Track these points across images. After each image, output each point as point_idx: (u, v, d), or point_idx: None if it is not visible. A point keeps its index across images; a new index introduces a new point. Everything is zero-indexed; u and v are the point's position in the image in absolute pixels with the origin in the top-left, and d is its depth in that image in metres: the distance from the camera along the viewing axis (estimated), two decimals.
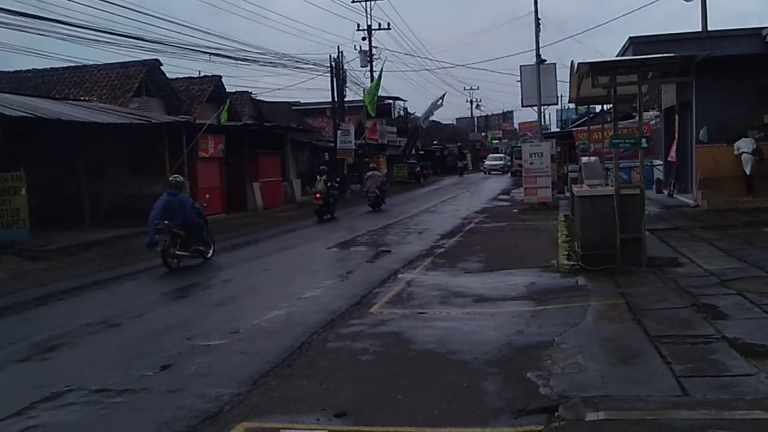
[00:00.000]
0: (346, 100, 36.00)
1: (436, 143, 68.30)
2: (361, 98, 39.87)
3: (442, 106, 43.88)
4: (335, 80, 34.20)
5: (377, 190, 25.31)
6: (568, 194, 20.74)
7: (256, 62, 32.81)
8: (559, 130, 53.34)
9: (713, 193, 16.32)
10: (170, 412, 5.38)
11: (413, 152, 53.13)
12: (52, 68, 27.77)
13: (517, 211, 22.21)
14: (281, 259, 14.47)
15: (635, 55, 13.83)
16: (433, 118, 50.87)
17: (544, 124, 32.64)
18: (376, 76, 36.42)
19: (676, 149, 19.20)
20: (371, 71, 40.29)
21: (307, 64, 43.71)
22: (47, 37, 24.39)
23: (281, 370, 6.36)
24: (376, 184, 25.62)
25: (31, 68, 28.25)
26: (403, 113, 60.92)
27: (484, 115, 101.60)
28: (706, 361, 5.71)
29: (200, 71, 34.63)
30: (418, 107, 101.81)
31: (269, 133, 27.87)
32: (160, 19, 41.08)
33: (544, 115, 33.23)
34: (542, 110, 27.89)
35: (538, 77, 24.63)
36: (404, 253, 13.85)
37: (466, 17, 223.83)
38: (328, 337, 7.49)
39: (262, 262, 13.90)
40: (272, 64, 38.93)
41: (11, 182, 14.52)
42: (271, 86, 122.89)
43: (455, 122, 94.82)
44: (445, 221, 20.27)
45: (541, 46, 26.45)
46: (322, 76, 34.38)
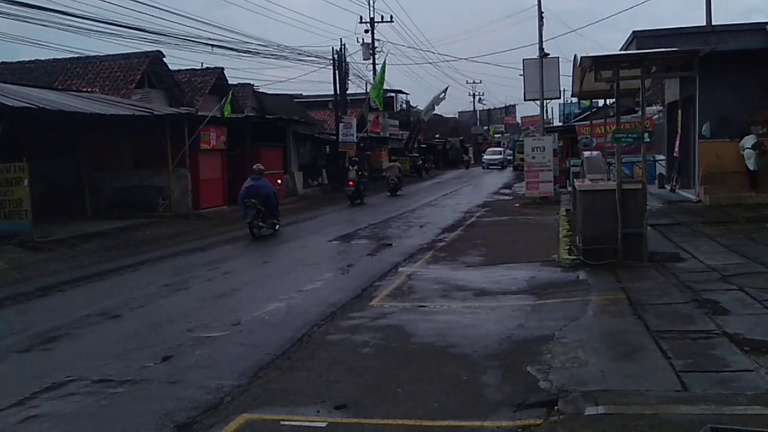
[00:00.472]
0: (348, 92, 35.91)
1: (438, 137, 68.15)
2: (363, 91, 39.84)
3: (444, 99, 43.87)
4: (338, 73, 34.13)
5: (395, 178, 30.02)
6: (569, 189, 20.71)
7: (258, 54, 32.44)
8: (561, 124, 53.15)
9: (716, 188, 16.29)
10: (171, 403, 5.40)
11: (415, 146, 53.06)
12: (54, 59, 27.79)
13: (518, 205, 22.18)
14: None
15: (639, 49, 13.77)
16: (435, 111, 50.81)
17: (546, 118, 32.50)
18: (378, 69, 36.37)
19: (679, 144, 19.17)
20: (374, 64, 40.24)
21: (309, 56, 43.49)
22: (50, 28, 24.40)
23: (282, 362, 6.38)
24: (395, 173, 30.40)
25: (33, 59, 28.28)
26: (405, 106, 60.92)
27: (486, 108, 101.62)
28: (706, 356, 5.72)
29: (202, 63, 34.69)
30: (420, 101, 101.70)
31: (271, 125, 27.83)
32: (162, 10, 41.14)
33: (546, 109, 33.10)
34: (545, 104, 27.80)
35: (541, 71, 24.53)
36: (405, 246, 13.85)
37: (469, 11, 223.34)
38: (328, 329, 7.51)
39: (266, 253, 13.90)
40: (274, 56, 38.79)
41: (14, 173, 14.53)
42: (273, 78, 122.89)
43: (457, 116, 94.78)
44: (446, 215, 20.26)
45: (544, 39, 26.27)
46: (324, 68, 34.31)
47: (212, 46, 25.90)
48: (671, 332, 6.41)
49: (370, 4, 44.11)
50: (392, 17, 52.00)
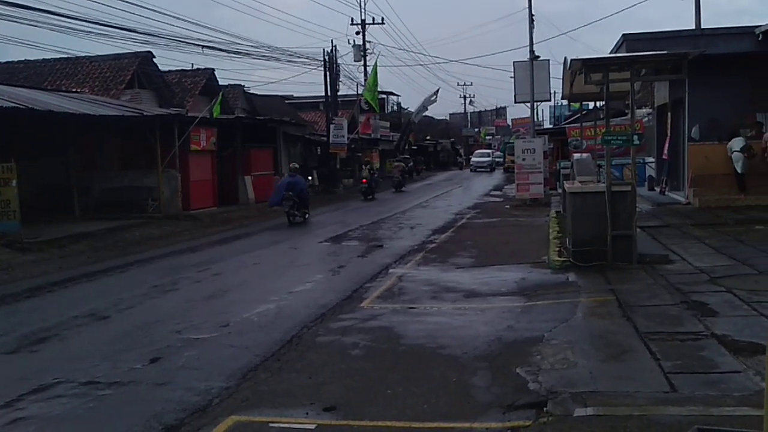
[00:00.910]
0: (339, 94, 35.89)
1: (429, 138, 68.06)
2: (354, 93, 39.81)
3: (435, 101, 43.87)
4: (328, 74, 34.09)
5: (400, 176, 33.71)
6: (560, 191, 20.77)
7: (249, 55, 32.40)
8: (552, 126, 53.25)
9: (705, 190, 16.36)
10: (159, 405, 5.36)
11: (406, 147, 53.05)
12: (44, 59, 27.62)
13: (509, 207, 22.24)
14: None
15: (628, 52, 13.83)
16: (426, 113, 50.79)
17: (537, 120, 32.65)
18: (369, 70, 36.37)
19: (668, 146, 19.25)
20: (365, 66, 40.21)
21: (300, 57, 43.34)
22: (39, 28, 24.19)
23: (271, 363, 6.35)
24: (399, 171, 34.13)
25: (22, 59, 28.09)
26: (396, 108, 60.88)
27: (477, 110, 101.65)
28: (694, 357, 5.74)
29: (193, 64, 34.51)
30: (411, 102, 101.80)
31: (262, 126, 27.76)
32: (152, 10, 40.90)
33: (537, 111, 33.29)
34: (535, 106, 27.90)
35: (531, 73, 24.60)
36: (396, 247, 13.85)
37: (460, 13, 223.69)
38: (318, 331, 7.48)
39: (254, 255, 13.88)
40: (265, 57, 38.83)
41: (2, 173, 14.42)
42: (264, 80, 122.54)
43: (448, 118, 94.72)
44: (437, 216, 20.28)
45: (534, 42, 26.36)
46: (315, 70, 34.29)
47: (203, 47, 25.84)
48: (660, 334, 6.43)
49: (361, 5, 44.14)
50: (383, 19, 52.18)
